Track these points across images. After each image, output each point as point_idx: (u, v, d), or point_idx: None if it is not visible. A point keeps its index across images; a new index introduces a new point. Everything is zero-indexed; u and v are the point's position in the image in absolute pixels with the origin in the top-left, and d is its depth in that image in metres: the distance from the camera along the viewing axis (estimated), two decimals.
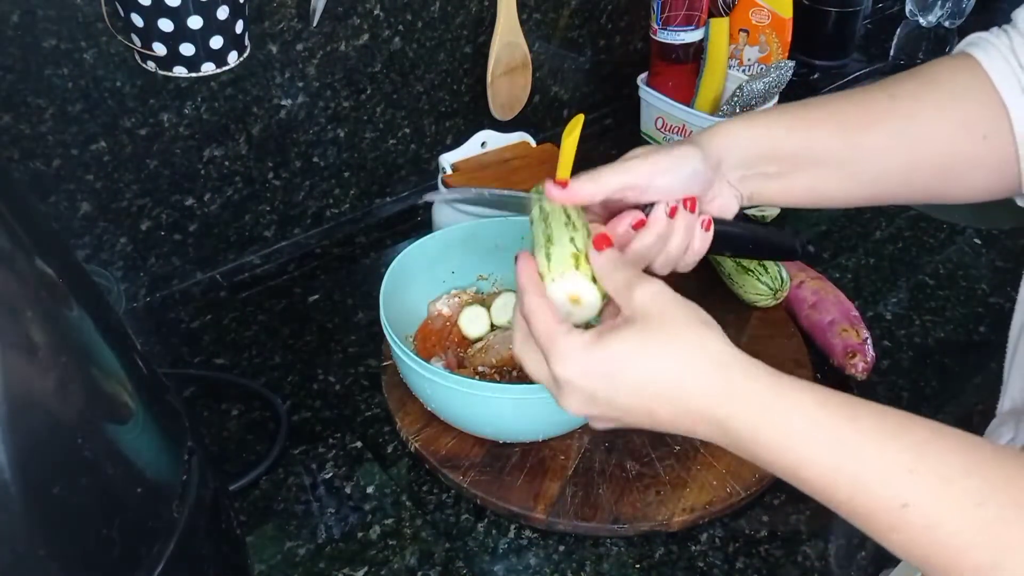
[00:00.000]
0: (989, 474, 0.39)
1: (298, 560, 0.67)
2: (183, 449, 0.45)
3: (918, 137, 0.58)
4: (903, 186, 0.60)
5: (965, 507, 0.38)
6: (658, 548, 0.68)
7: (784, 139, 0.59)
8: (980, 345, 0.88)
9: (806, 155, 0.59)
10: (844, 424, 0.42)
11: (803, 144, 0.59)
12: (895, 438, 0.41)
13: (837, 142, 0.59)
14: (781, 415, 0.43)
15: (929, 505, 0.39)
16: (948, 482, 0.39)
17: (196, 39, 0.70)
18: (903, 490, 0.40)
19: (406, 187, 1.08)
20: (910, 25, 1.56)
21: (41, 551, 0.35)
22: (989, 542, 0.38)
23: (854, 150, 0.58)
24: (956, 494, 0.39)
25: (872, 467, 0.41)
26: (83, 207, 0.82)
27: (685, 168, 0.56)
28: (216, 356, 0.85)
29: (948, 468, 0.39)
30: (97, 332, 0.40)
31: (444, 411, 0.73)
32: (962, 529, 0.38)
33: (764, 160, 0.59)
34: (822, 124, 0.59)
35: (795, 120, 0.59)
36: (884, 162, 0.59)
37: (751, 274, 0.86)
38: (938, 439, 0.41)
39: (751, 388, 0.44)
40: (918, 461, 0.40)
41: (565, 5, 1.11)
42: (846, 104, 0.60)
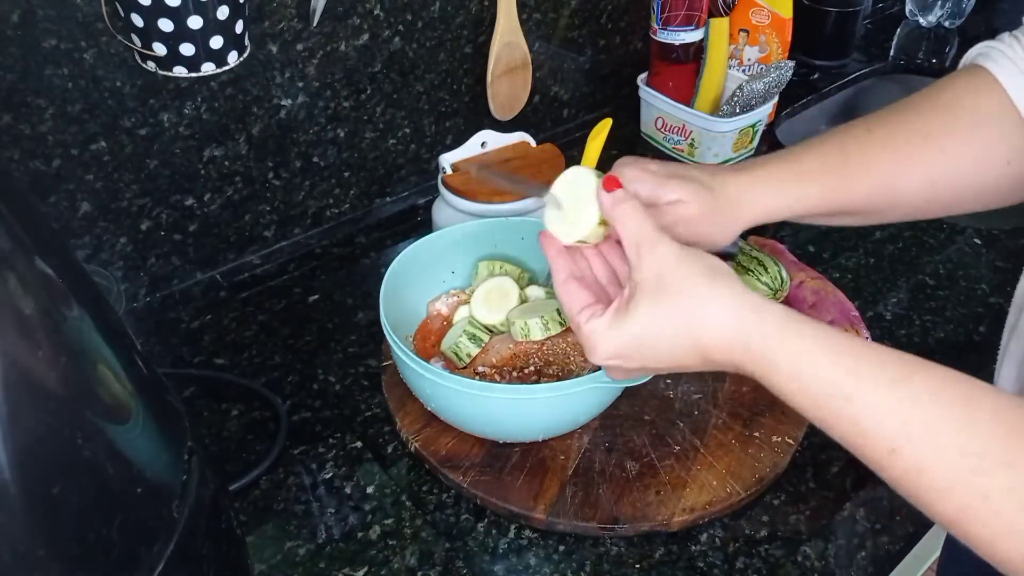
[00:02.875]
0: (979, 427, 0.41)
1: (298, 560, 0.67)
2: (183, 449, 0.45)
3: (945, 172, 0.59)
4: (920, 212, 0.63)
5: (949, 456, 0.41)
6: (658, 548, 0.68)
7: (807, 199, 0.60)
8: (980, 345, 0.88)
9: (834, 208, 0.61)
10: (843, 374, 0.45)
11: (832, 200, 0.61)
12: (891, 389, 0.44)
13: (866, 197, 0.60)
14: (787, 360, 0.47)
15: (914, 453, 0.42)
16: (935, 432, 0.42)
17: (196, 39, 0.70)
18: (892, 437, 0.43)
19: (406, 187, 1.08)
20: (910, 25, 1.56)
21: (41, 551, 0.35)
22: (966, 489, 0.41)
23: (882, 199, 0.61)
24: (942, 444, 0.42)
25: (866, 413, 0.44)
26: (83, 207, 0.82)
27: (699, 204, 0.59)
28: (216, 356, 0.85)
29: (939, 419, 0.42)
30: (97, 332, 0.40)
31: (444, 411, 0.73)
32: (943, 476, 0.41)
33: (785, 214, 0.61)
34: (851, 179, 0.60)
35: (828, 181, 0.60)
36: (910, 200, 0.61)
37: (751, 274, 0.86)
38: (935, 388, 0.44)
39: (762, 332, 0.48)
40: (910, 410, 0.43)
41: (565, 5, 1.11)
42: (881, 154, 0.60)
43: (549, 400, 0.67)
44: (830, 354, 0.46)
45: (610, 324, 0.52)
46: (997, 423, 0.41)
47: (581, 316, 0.53)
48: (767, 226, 1.00)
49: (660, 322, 0.50)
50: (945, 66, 1.43)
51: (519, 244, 0.83)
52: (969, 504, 0.40)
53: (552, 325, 0.72)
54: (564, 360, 0.73)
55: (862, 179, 0.60)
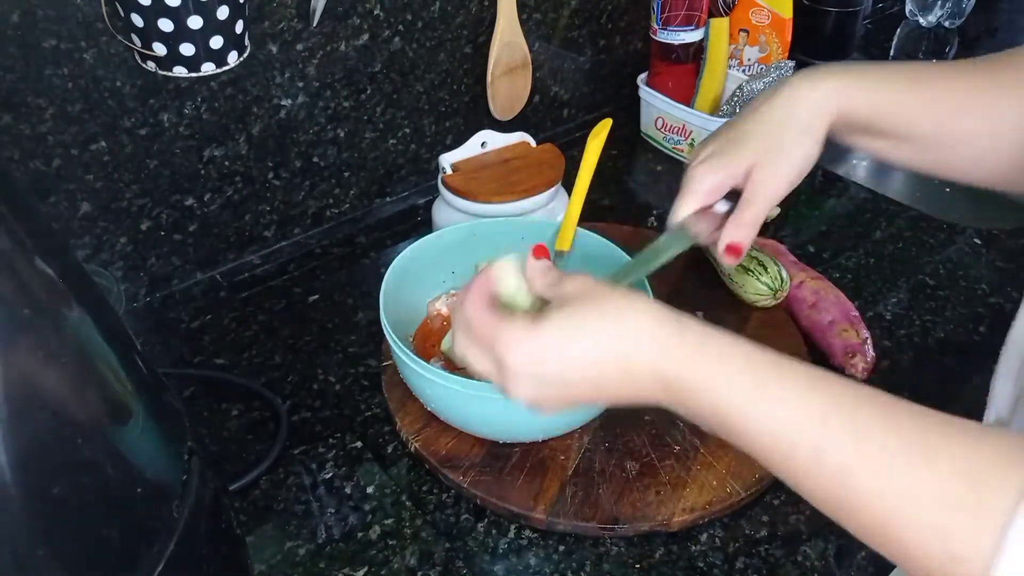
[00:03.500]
0: (902, 430, 0.41)
1: (298, 560, 0.67)
2: (183, 449, 0.45)
3: (1007, 119, 0.58)
4: (976, 166, 0.61)
5: (872, 457, 0.40)
6: (658, 548, 0.68)
7: (885, 118, 0.59)
8: (980, 345, 0.88)
9: (900, 132, 0.60)
10: (766, 374, 0.44)
11: (902, 123, 0.59)
12: (814, 389, 0.43)
13: (935, 126, 0.59)
14: (708, 363, 0.45)
15: (840, 452, 0.41)
16: (861, 433, 0.41)
17: (196, 39, 0.70)
18: (817, 437, 0.42)
19: (406, 187, 1.08)
20: (910, 25, 1.56)
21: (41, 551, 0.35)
22: (890, 491, 0.39)
23: (949, 134, 0.59)
24: (867, 444, 0.41)
25: (789, 414, 0.43)
26: (83, 207, 0.82)
27: (809, 165, 0.59)
28: (216, 356, 0.85)
29: (863, 421, 0.41)
30: (97, 332, 0.40)
31: (444, 411, 0.73)
32: (868, 477, 0.40)
33: (859, 131, 0.60)
34: (928, 103, 0.59)
35: (903, 92, 0.59)
36: (972, 142, 0.59)
37: (751, 274, 0.86)
38: (853, 391, 0.43)
39: (680, 340, 0.46)
40: (834, 412, 0.42)
41: (565, 5, 1.11)
42: (956, 83, 0.59)
43: None
44: (753, 357, 0.45)
45: (531, 322, 0.48)
46: (917, 423, 0.41)
47: (495, 318, 0.49)
48: (767, 226, 1.00)
49: (586, 322, 0.48)
50: None
51: (519, 244, 0.83)
52: (898, 507, 0.39)
53: None
54: None
55: (932, 97, 0.59)
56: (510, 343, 0.48)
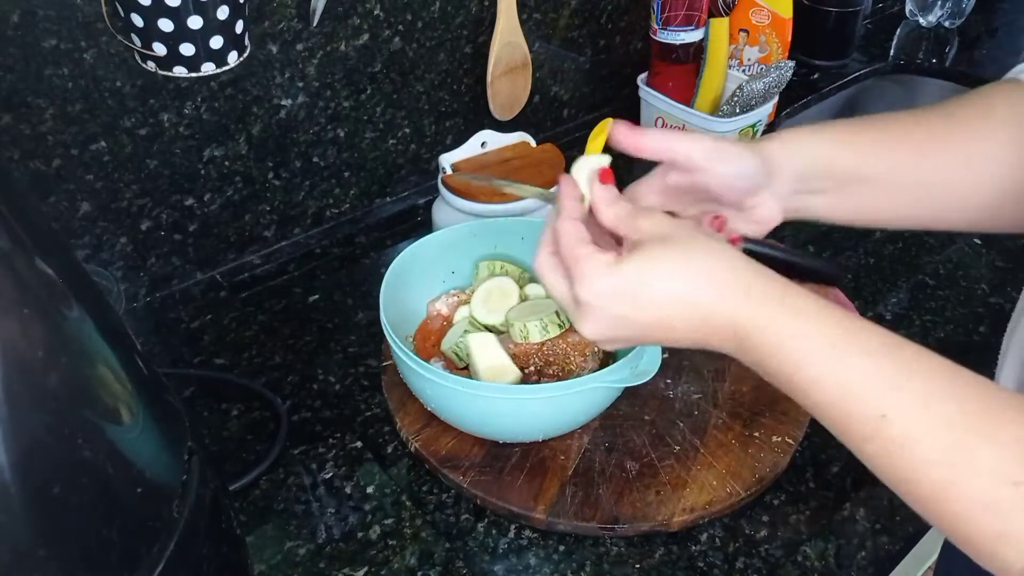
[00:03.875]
0: (965, 400, 0.41)
1: (298, 560, 0.67)
2: (183, 449, 0.45)
3: (982, 161, 0.57)
4: (958, 213, 0.60)
5: (937, 427, 0.41)
6: (658, 548, 0.68)
7: (846, 155, 0.58)
8: (980, 345, 0.88)
9: (865, 174, 0.58)
10: (841, 334, 0.44)
11: (864, 162, 0.58)
12: (885, 355, 0.44)
13: (898, 162, 0.58)
14: (786, 318, 0.45)
15: (906, 421, 0.41)
16: (927, 402, 0.41)
17: (196, 39, 0.70)
18: (884, 402, 0.42)
19: (406, 187, 1.08)
20: (910, 25, 1.56)
21: (41, 551, 0.35)
22: (948, 461, 0.40)
23: (919, 172, 0.58)
24: (931, 414, 0.41)
25: (859, 376, 0.43)
26: (83, 207, 0.82)
27: (746, 166, 0.57)
28: (216, 356, 0.85)
29: (930, 389, 0.42)
30: (97, 332, 0.40)
31: (444, 411, 0.73)
32: (930, 448, 0.41)
33: (821, 176, 0.58)
34: (885, 142, 0.59)
35: (858, 136, 0.59)
36: (947, 186, 0.59)
37: None
38: (925, 359, 0.43)
39: (763, 291, 0.46)
40: (903, 379, 0.42)
41: (565, 5, 1.11)
42: (907, 122, 0.59)
43: (549, 400, 0.67)
44: (827, 314, 0.45)
45: (614, 260, 0.48)
46: (980, 397, 0.41)
47: (584, 248, 0.49)
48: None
49: (665, 265, 0.48)
50: (945, 66, 1.43)
51: (519, 244, 0.83)
52: (953, 479, 0.40)
53: (551, 327, 0.71)
54: (564, 360, 0.73)
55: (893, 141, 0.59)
56: (589, 275, 0.48)
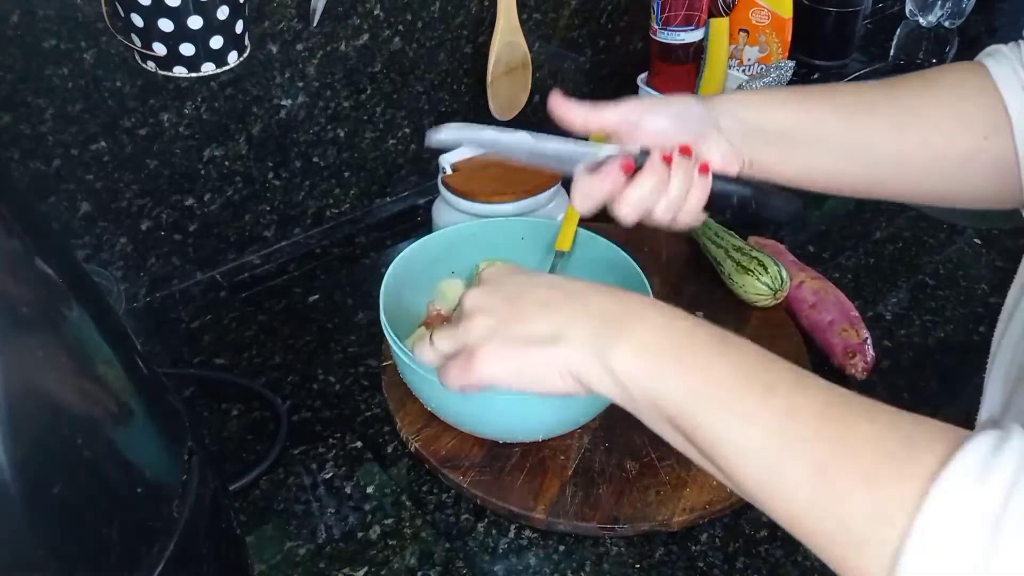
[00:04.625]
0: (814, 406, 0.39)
1: (298, 560, 0.67)
2: (183, 449, 0.45)
3: (915, 126, 0.58)
4: (896, 176, 0.60)
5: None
6: (658, 548, 0.68)
7: (777, 111, 0.60)
8: (980, 345, 0.87)
9: (799, 131, 0.60)
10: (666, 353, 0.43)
11: (797, 119, 0.60)
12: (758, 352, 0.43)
13: (833, 121, 0.60)
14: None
15: (791, 391, 0.40)
16: (802, 378, 0.40)
17: (196, 39, 0.70)
18: (766, 380, 0.41)
19: (406, 187, 1.08)
20: (910, 25, 1.56)
21: (41, 551, 0.35)
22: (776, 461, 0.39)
23: (849, 131, 0.59)
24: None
25: (743, 358, 0.42)
26: (83, 207, 0.82)
27: (676, 106, 0.59)
28: (216, 356, 0.85)
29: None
30: (97, 332, 0.40)
31: (444, 411, 0.73)
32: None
33: (759, 129, 0.60)
34: (818, 103, 0.61)
35: (792, 97, 0.61)
36: (879, 146, 0.59)
37: (751, 274, 0.86)
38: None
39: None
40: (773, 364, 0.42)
41: (565, 5, 1.11)
42: (845, 90, 0.61)
43: (549, 400, 0.66)
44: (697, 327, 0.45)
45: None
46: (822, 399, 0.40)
47: None
48: (767, 226, 1.00)
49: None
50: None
51: (519, 244, 0.83)
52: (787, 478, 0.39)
53: None
54: None
55: (822, 100, 0.60)
56: (497, 265, 0.53)
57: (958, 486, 0.33)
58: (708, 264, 0.92)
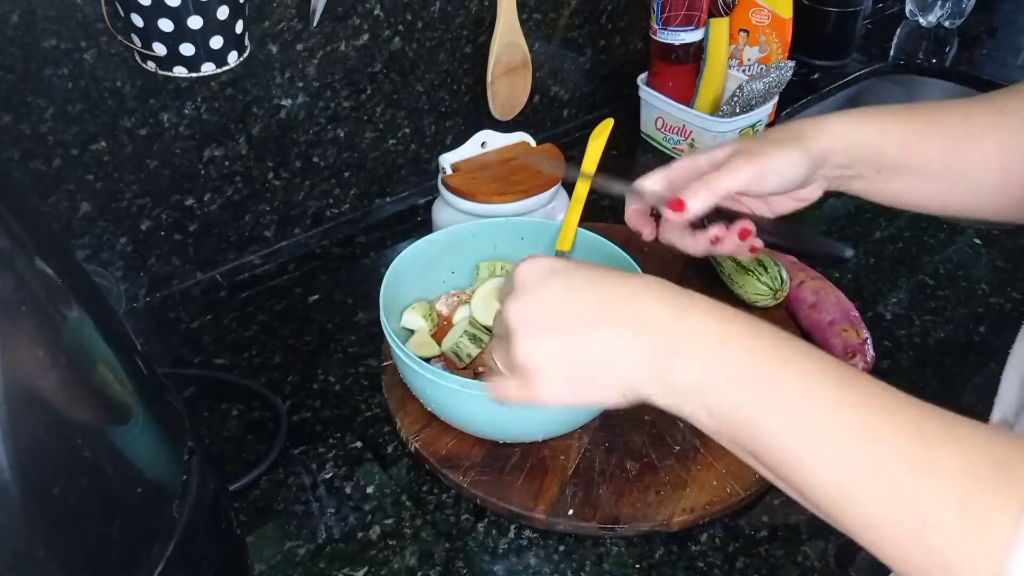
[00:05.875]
0: (899, 436, 0.37)
1: (298, 560, 0.67)
2: (183, 449, 0.45)
3: (1019, 152, 0.57)
4: (992, 203, 0.60)
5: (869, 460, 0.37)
6: (658, 548, 0.68)
7: (891, 146, 0.58)
8: (980, 345, 0.88)
9: (908, 163, 0.59)
10: (760, 377, 0.41)
11: (908, 152, 0.58)
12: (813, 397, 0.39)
13: (940, 154, 0.58)
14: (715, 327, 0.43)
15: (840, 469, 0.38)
16: (859, 445, 0.37)
17: (196, 39, 0.70)
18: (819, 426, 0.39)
19: (406, 187, 1.08)
20: (910, 25, 1.56)
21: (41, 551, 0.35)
22: (892, 500, 0.36)
23: (955, 163, 0.58)
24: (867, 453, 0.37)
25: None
26: (83, 207, 0.82)
27: (792, 173, 0.56)
28: (216, 356, 0.85)
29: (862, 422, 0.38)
30: (97, 332, 0.40)
31: (444, 411, 0.73)
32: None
33: (866, 164, 0.59)
34: (928, 135, 0.58)
35: (903, 127, 0.59)
36: (981, 176, 0.58)
37: (751, 274, 0.86)
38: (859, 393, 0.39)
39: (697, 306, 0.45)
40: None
41: (565, 5, 1.11)
42: (951, 115, 0.59)
43: None
44: (760, 332, 0.42)
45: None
46: (914, 429, 0.37)
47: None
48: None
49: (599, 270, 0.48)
50: (945, 66, 1.43)
51: (519, 244, 0.83)
52: (894, 516, 0.36)
53: None
54: None
55: (932, 131, 0.58)
56: (529, 259, 0.48)
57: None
58: (708, 264, 0.92)
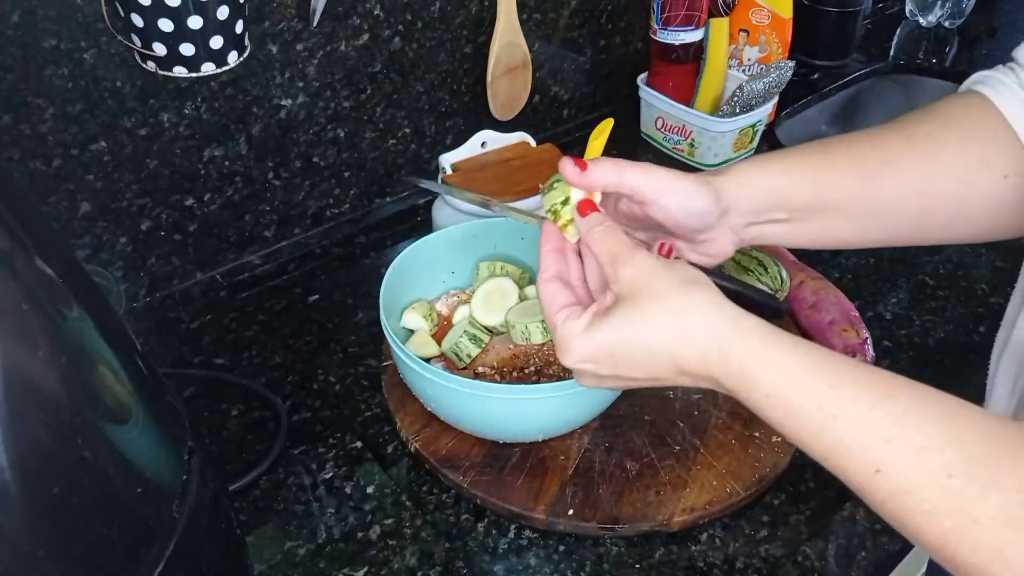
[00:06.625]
0: (967, 447, 0.40)
1: (298, 560, 0.67)
2: (183, 449, 0.45)
3: (936, 178, 0.57)
4: (916, 230, 0.59)
5: (936, 477, 0.40)
6: (658, 548, 0.68)
7: (799, 187, 0.58)
8: (980, 345, 0.88)
9: (821, 203, 0.58)
10: (826, 391, 0.44)
11: (818, 192, 0.58)
12: (875, 408, 0.42)
13: (853, 189, 0.57)
14: (767, 375, 0.45)
15: (900, 473, 0.41)
16: (922, 453, 0.40)
17: (196, 39, 0.70)
18: (877, 457, 0.41)
19: (406, 187, 1.08)
20: (910, 25, 1.56)
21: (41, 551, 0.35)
22: (954, 511, 0.39)
23: (870, 197, 0.57)
24: (928, 465, 0.40)
25: (850, 434, 0.43)
26: (83, 207, 0.82)
27: (698, 202, 0.55)
28: (216, 356, 0.85)
29: (925, 439, 0.41)
30: (97, 332, 0.40)
31: (444, 411, 0.73)
32: (930, 498, 0.40)
33: (776, 208, 0.58)
34: (838, 170, 0.58)
35: (811, 166, 0.58)
36: (900, 205, 0.58)
37: (751, 274, 0.86)
38: (921, 407, 0.42)
39: (740, 345, 0.46)
40: (896, 430, 0.41)
41: (565, 5, 1.11)
42: (862, 146, 0.58)
43: (549, 400, 0.67)
44: (812, 371, 0.44)
45: (586, 327, 0.50)
46: (984, 442, 0.40)
47: (559, 316, 0.52)
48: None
49: (636, 330, 0.49)
50: (945, 66, 1.43)
51: (519, 244, 0.83)
52: (956, 527, 0.39)
53: None
54: None
55: (840, 165, 0.58)
56: (566, 342, 0.51)
57: None
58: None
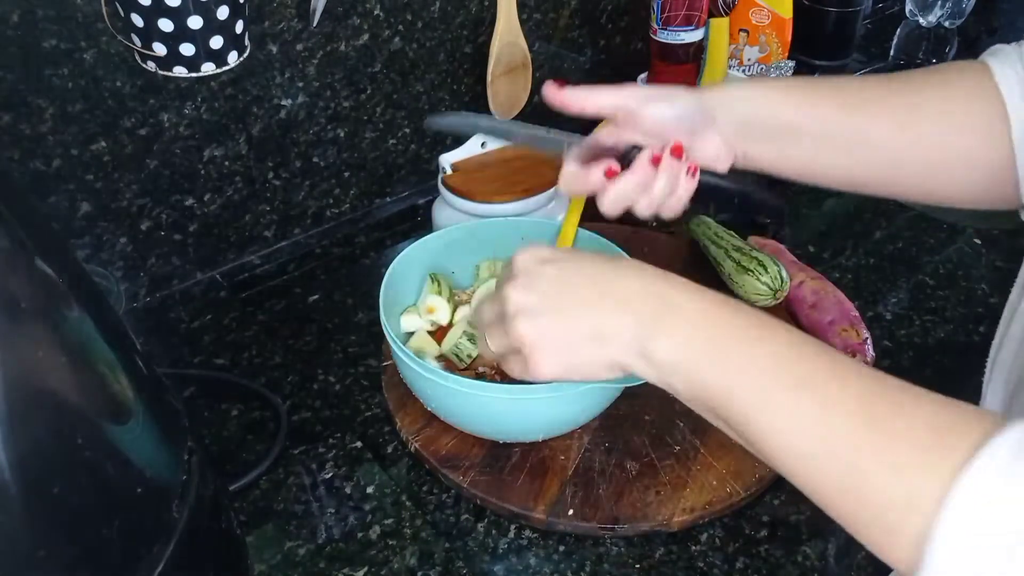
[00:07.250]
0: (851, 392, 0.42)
1: (298, 560, 0.67)
2: (183, 449, 0.45)
3: (915, 125, 0.58)
4: (893, 174, 0.60)
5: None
6: (658, 548, 0.68)
7: (783, 107, 0.60)
8: (980, 345, 0.87)
9: (804, 127, 0.59)
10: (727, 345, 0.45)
11: (801, 116, 0.59)
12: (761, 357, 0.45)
13: (833, 115, 0.59)
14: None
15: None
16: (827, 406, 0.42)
17: (196, 39, 0.70)
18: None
19: (406, 187, 1.08)
20: (910, 25, 1.56)
21: (41, 551, 0.35)
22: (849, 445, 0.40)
23: (848, 125, 0.59)
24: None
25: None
26: (83, 207, 0.82)
27: (678, 103, 0.58)
28: (216, 356, 0.85)
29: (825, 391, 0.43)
30: (97, 332, 0.40)
31: (444, 411, 0.73)
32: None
33: (759, 123, 0.60)
34: (821, 98, 0.60)
35: (794, 90, 0.60)
36: (877, 143, 0.59)
37: (751, 274, 0.86)
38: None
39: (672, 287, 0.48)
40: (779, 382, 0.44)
41: (565, 5, 1.11)
42: (847, 83, 0.61)
43: (549, 400, 0.66)
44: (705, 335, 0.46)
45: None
46: (869, 386, 0.43)
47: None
48: (767, 226, 1.00)
49: (583, 255, 0.52)
50: None
51: (519, 244, 0.82)
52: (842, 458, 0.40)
53: None
54: None
55: (824, 95, 0.59)
56: (526, 248, 0.53)
57: (983, 481, 0.34)
58: (708, 264, 0.92)
